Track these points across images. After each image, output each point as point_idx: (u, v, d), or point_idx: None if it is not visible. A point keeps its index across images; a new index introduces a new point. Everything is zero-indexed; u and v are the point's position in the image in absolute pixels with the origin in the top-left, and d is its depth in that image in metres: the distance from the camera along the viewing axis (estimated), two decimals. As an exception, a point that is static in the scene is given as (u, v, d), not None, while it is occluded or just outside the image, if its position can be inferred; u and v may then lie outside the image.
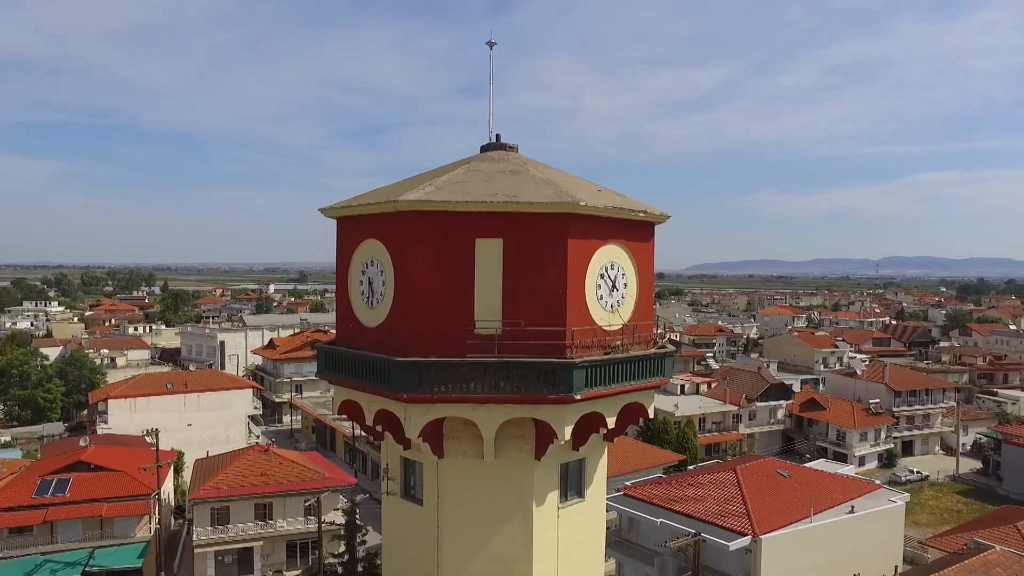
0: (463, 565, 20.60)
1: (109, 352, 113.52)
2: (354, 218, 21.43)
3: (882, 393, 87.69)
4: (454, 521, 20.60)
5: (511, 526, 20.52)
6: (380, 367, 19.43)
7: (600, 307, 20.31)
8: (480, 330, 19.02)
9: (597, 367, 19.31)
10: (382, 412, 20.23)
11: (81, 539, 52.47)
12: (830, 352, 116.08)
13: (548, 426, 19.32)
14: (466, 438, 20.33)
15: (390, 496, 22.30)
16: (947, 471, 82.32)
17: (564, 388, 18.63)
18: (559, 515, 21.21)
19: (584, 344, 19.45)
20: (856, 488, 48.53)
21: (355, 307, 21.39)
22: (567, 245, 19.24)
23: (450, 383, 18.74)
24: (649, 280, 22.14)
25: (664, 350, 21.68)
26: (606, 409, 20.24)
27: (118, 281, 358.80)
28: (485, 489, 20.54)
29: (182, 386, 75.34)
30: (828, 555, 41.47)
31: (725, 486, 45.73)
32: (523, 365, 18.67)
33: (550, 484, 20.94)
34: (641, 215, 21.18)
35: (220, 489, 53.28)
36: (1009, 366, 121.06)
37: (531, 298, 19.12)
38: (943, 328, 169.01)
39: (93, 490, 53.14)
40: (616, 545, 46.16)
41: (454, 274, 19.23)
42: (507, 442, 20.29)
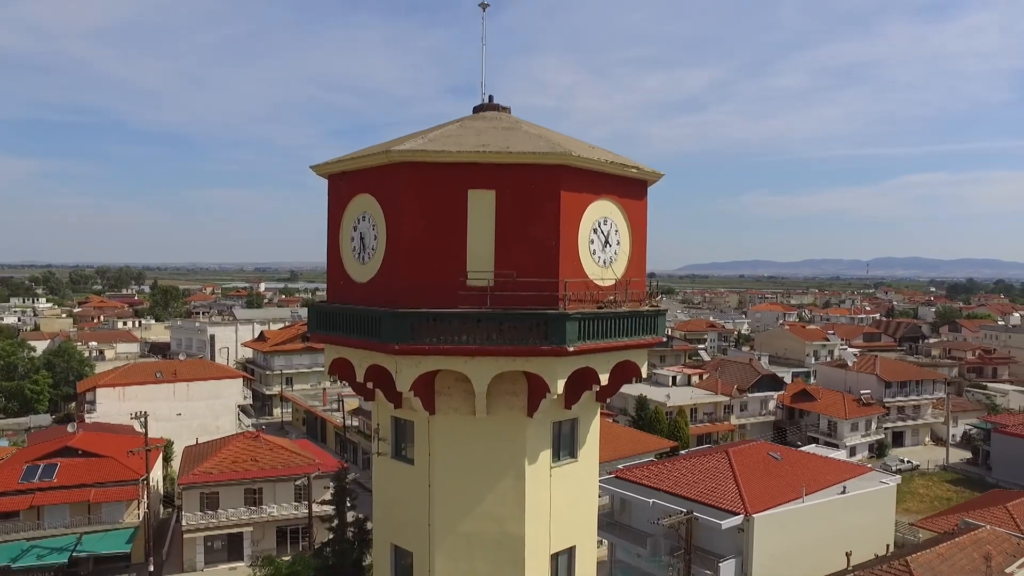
0: (455, 524, 20.41)
1: (98, 345, 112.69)
2: (346, 174, 21.21)
3: (873, 384, 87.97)
4: (446, 480, 20.40)
5: (503, 484, 20.34)
6: (371, 320, 19.22)
7: (593, 262, 20.16)
8: (472, 281, 18.83)
9: (590, 320, 19.15)
10: (373, 368, 20.01)
11: (68, 525, 51.88)
12: (821, 345, 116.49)
13: (540, 380, 19.14)
14: (458, 394, 20.15)
15: (381, 457, 22.08)
16: (937, 461, 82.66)
17: (557, 339, 18.45)
18: (551, 474, 21.05)
19: (577, 298, 19.29)
20: (848, 470, 48.59)
21: (346, 264, 21.17)
22: (560, 197, 19.08)
23: (442, 335, 18.54)
24: (642, 239, 22.00)
25: (657, 308, 21.56)
26: (599, 365, 20.09)
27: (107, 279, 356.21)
28: (477, 447, 20.35)
29: (171, 375, 74.72)
30: (820, 534, 41.44)
31: (717, 467, 45.68)
32: (515, 316, 18.49)
33: (543, 442, 20.77)
34: (634, 171, 21.05)
35: (210, 474, 52.86)
36: (998, 360, 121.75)
37: (524, 250, 18.96)
38: (933, 325, 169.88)
39: (80, 475, 52.59)
40: (608, 527, 45.97)
41: (446, 226, 19.04)
42: (499, 399, 20.12)
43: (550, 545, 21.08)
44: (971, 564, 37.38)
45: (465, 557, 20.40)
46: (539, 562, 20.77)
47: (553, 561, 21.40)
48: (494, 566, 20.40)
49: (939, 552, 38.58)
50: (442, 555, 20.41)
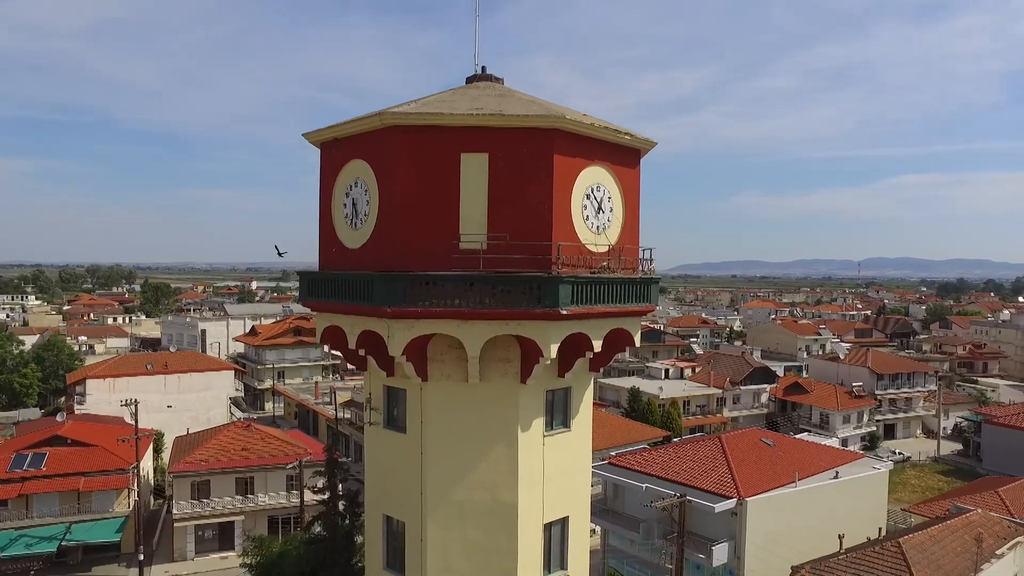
0: (447, 492, 20.26)
1: (87, 339, 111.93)
2: (339, 141, 21.08)
3: (865, 377, 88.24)
4: (438, 447, 20.26)
5: (496, 452, 20.21)
6: (363, 284, 19.09)
7: (586, 228, 20.08)
8: (465, 245, 18.72)
9: (583, 284, 19.06)
10: (365, 334, 19.85)
11: (57, 514, 51.43)
12: (813, 339, 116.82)
13: (533, 345, 19.03)
14: (451, 361, 20.02)
15: (373, 426, 21.93)
16: (928, 453, 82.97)
17: (550, 302, 18.35)
18: (544, 443, 20.94)
19: (570, 262, 19.20)
20: (840, 457, 48.69)
21: (338, 231, 21.03)
22: (553, 161, 18.99)
23: (434, 299, 18.41)
24: (635, 208, 21.94)
25: (651, 276, 21.50)
26: (592, 331, 19.99)
27: (97, 278, 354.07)
28: (470, 414, 20.22)
29: (162, 367, 74.26)
30: (813, 518, 41.44)
31: (710, 453, 45.66)
32: (508, 279, 18.38)
33: (535, 410, 20.65)
34: (627, 138, 20.98)
35: (201, 462, 52.51)
36: (988, 355, 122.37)
37: (517, 213, 18.86)
38: (924, 322, 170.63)
39: (70, 464, 52.17)
40: (601, 514, 45.91)
41: (439, 189, 18.93)
42: (492, 365, 20.00)
43: (543, 515, 20.96)
44: (963, 546, 37.48)
45: (457, 525, 20.27)
46: (532, 531, 20.65)
47: (546, 531, 21.28)
48: (487, 534, 20.27)
49: (931, 534, 38.66)
50: (434, 523, 20.27)
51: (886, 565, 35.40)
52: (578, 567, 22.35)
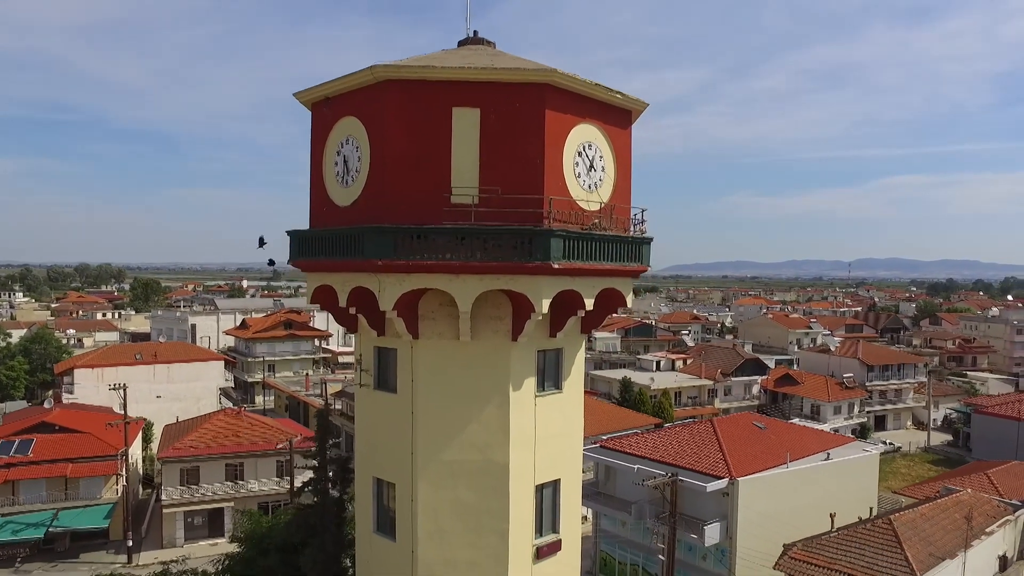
0: (438, 452, 20.13)
1: (76, 333, 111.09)
2: (330, 99, 20.92)
3: (855, 368, 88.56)
4: (429, 407, 20.13)
5: (487, 411, 20.10)
6: (354, 239, 18.94)
7: (578, 185, 20.00)
8: (457, 198, 18.61)
9: (575, 240, 18.98)
10: (356, 291, 19.69)
11: (45, 500, 50.95)
12: (804, 333, 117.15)
13: (525, 300, 18.91)
14: (442, 318, 19.90)
15: (363, 388, 21.78)
16: (919, 444, 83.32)
17: (541, 256, 18.25)
18: (536, 403, 20.84)
19: (561, 218, 19.09)
20: (831, 440, 48.78)
21: (329, 189, 20.88)
22: (544, 116, 18.91)
23: (426, 253, 18.29)
24: (627, 169, 21.87)
25: (643, 236, 21.43)
26: (584, 289, 19.91)
27: (86, 277, 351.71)
28: (461, 373, 20.10)
29: (152, 357, 73.74)
30: (805, 499, 41.41)
31: (702, 436, 45.63)
32: (500, 232, 18.27)
33: (527, 370, 20.55)
34: (618, 97, 20.90)
35: (190, 448, 52.12)
36: (978, 349, 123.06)
37: (508, 168, 18.76)
38: (914, 319, 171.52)
39: (57, 450, 51.70)
40: (593, 497, 45.76)
41: (430, 144, 18.83)
42: (484, 323, 19.90)
43: (535, 476, 20.86)
44: (953, 523, 37.61)
45: (449, 486, 20.14)
46: (524, 492, 20.54)
47: (538, 493, 21.18)
48: (478, 495, 20.14)
49: (921, 512, 38.79)
50: (425, 484, 20.13)
51: (877, 541, 35.49)
52: (570, 531, 22.25)
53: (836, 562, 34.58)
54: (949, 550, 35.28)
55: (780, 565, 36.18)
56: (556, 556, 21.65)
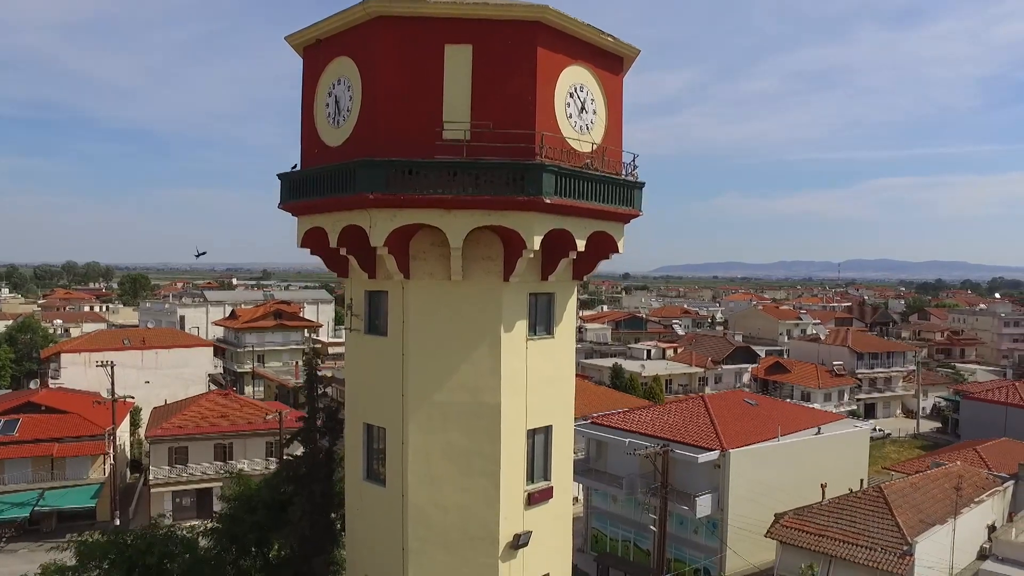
0: (429, 394, 19.97)
1: (63, 323, 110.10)
2: (322, 41, 20.74)
3: (845, 356, 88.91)
4: (420, 349, 19.96)
5: (479, 353, 19.95)
6: (345, 175, 18.78)
7: (569, 126, 19.89)
8: (448, 134, 18.47)
9: (567, 177, 18.89)
10: (347, 231, 19.49)
11: (31, 480, 50.38)
12: (794, 324, 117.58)
13: (517, 237, 18.79)
14: (433, 258, 19.76)
15: (353, 332, 21.59)
16: (908, 431, 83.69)
17: (533, 190, 18.14)
18: (528, 347, 20.71)
19: (553, 156, 18.96)
20: (822, 417, 48.88)
21: (320, 131, 20.71)
22: (536, 53, 18.81)
23: (417, 188, 18.13)
24: (618, 115, 21.79)
25: (635, 180, 21.34)
26: (576, 229, 19.81)
27: (74, 275, 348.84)
28: (452, 314, 19.96)
29: (140, 342, 73.15)
30: (796, 471, 41.46)
31: (693, 411, 45.65)
32: (492, 167, 18.16)
33: (519, 312, 20.42)
34: (609, 40, 20.80)
35: (179, 428, 51.69)
36: (966, 341, 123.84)
37: (500, 104, 18.66)
38: (903, 314, 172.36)
39: (43, 431, 51.13)
40: (584, 473, 45.64)
41: (423, 81, 18.71)
42: (475, 263, 19.78)
43: (526, 420, 20.72)
44: (943, 493, 37.72)
45: (440, 429, 19.97)
46: (515, 435, 20.40)
47: (529, 438, 21.05)
48: (470, 438, 19.99)
49: (912, 482, 38.94)
50: (416, 427, 19.95)
51: (868, 509, 35.57)
52: (562, 479, 22.12)
53: (828, 529, 34.64)
54: (939, 517, 35.38)
55: (772, 533, 36.22)
56: (548, 504, 21.51)
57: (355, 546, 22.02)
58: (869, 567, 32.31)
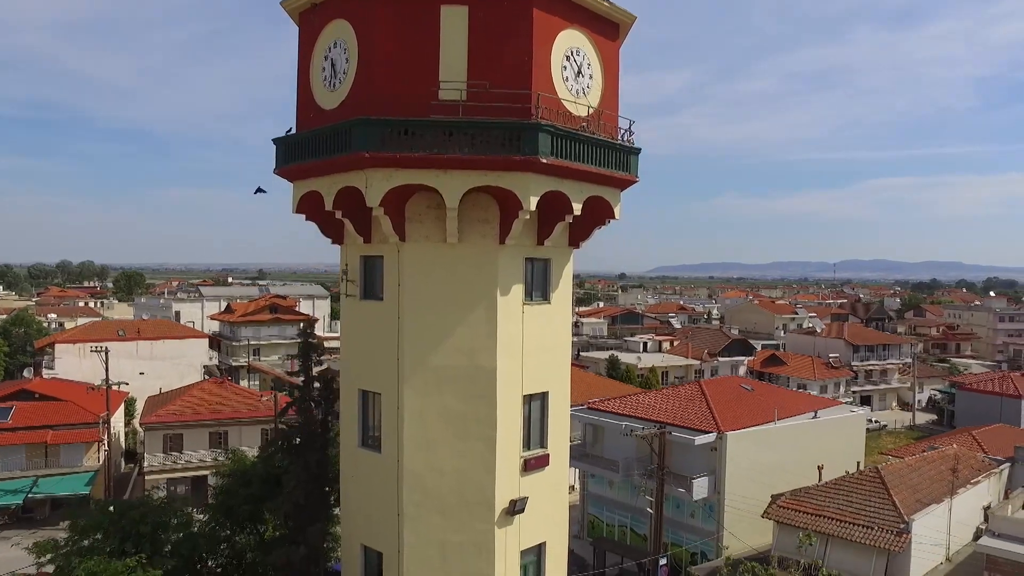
0: (425, 358, 19.87)
1: (57, 317, 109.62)
2: (317, 6, 20.64)
3: (841, 348, 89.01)
4: (416, 312, 19.86)
5: (475, 316, 19.86)
6: (341, 135, 18.69)
7: (566, 89, 19.83)
8: (444, 94, 18.39)
9: (563, 138, 18.82)
10: (343, 193, 19.38)
11: (24, 467, 50.07)
12: (790, 318, 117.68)
13: (513, 199, 18.71)
14: (429, 221, 19.68)
15: (349, 299, 21.48)
16: (904, 423, 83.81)
17: (530, 150, 18.08)
18: (524, 312, 20.63)
19: (549, 117, 18.87)
20: (819, 402, 48.83)
21: (316, 95, 20.62)
22: (532, 14, 18.77)
23: (413, 147, 18.04)
24: (614, 81, 21.72)
25: (631, 146, 21.26)
26: (572, 192, 19.73)
27: (68, 274, 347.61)
28: (448, 277, 19.88)
29: (135, 333, 72.83)
30: (793, 454, 41.37)
31: (690, 396, 45.59)
32: (488, 126, 18.10)
33: (515, 276, 20.34)
34: (605, 5, 20.74)
35: (174, 415, 51.44)
36: (961, 336, 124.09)
37: (497, 66, 18.62)
38: (899, 311, 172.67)
39: (37, 418, 50.83)
40: (581, 458, 45.55)
41: (419, 42, 18.65)
42: (471, 226, 19.70)
43: (522, 385, 20.63)
44: (939, 474, 37.75)
45: (435, 392, 19.87)
46: (511, 400, 20.31)
47: (526, 404, 20.96)
48: (465, 402, 19.89)
49: (909, 463, 38.97)
50: (412, 391, 19.85)
51: (865, 489, 35.57)
52: (558, 448, 22.05)
53: (825, 508, 34.62)
54: (936, 497, 35.39)
55: (768, 513, 36.17)
56: (544, 471, 21.42)
57: (350, 514, 21.89)
58: (866, 545, 32.30)
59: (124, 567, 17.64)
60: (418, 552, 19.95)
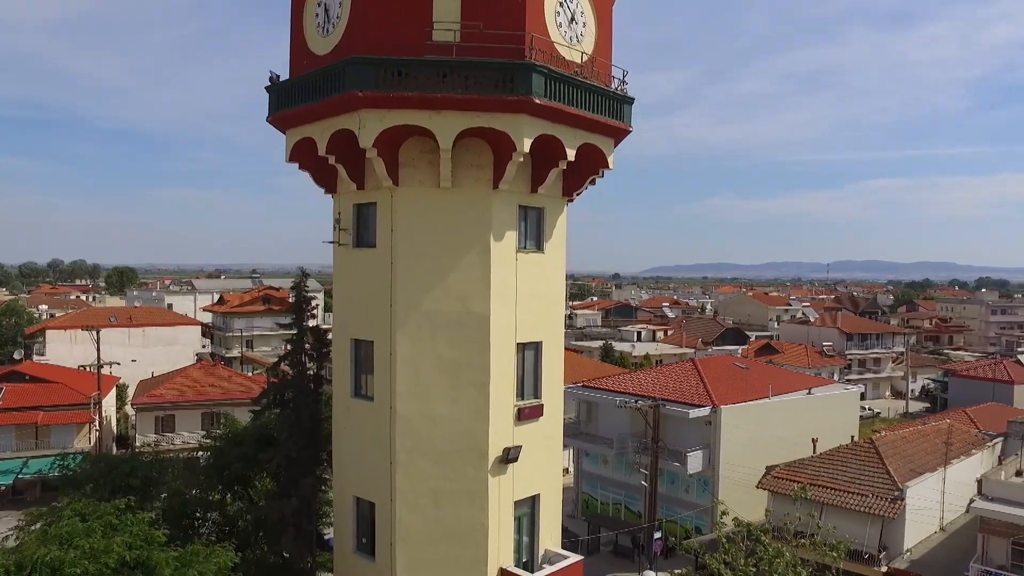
0: (418, 303, 19.74)
1: (49, 308, 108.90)
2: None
3: (835, 337, 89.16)
4: (409, 258, 19.75)
5: (468, 261, 19.75)
6: (334, 75, 18.57)
7: (560, 34, 19.77)
8: (438, 35, 18.27)
9: (556, 80, 18.76)
10: (337, 139, 19.24)
11: (14, 449, 49.66)
12: (783, 310, 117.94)
13: (507, 141, 18.60)
14: (423, 165, 19.57)
15: (341, 248, 21.32)
16: (897, 411, 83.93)
17: (523, 90, 17.99)
18: (517, 259, 20.52)
19: (543, 60, 18.77)
20: (813, 381, 48.90)
21: (309, 41, 20.53)
22: (526, -45, 18.61)
23: (406, 88, 17.92)
24: (608, 33, 21.66)
25: (625, 95, 21.18)
26: (566, 138, 19.65)
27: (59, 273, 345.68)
28: (442, 222, 19.76)
29: (127, 320, 72.39)
30: (787, 429, 41.39)
31: (684, 373, 45.58)
32: (482, 65, 18.02)
33: (508, 223, 20.24)
34: (601, -48, 20.64)
35: (165, 396, 51.12)
36: (954, 328, 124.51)
37: (490, 7, 18.51)
38: (892, 306, 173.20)
39: (27, 399, 50.44)
40: (575, 436, 45.47)
41: (411, -16, 18.45)
42: (465, 171, 19.60)
43: (516, 333, 20.52)
44: (933, 447, 37.82)
45: (428, 338, 19.74)
46: (505, 347, 20.19)
47: (519, 353, 20.85)
48: (459, 348, 19.77)
49: (903, 435, 39.03)
50: (404, 337, 19.71)
51: (860, 459, 35.62)
52: (552, 399, 21.93)
53: (819, 478, 34.60)
54: (930, 467, 35.42)
55: (763, 484, 36.14)
56: (538, 422, 21.31)
57: (342, 466, 21.72)
58: (861, 513, 32.29)
59: (113, 507, 17.43)
60: (411, 500, 19.81)
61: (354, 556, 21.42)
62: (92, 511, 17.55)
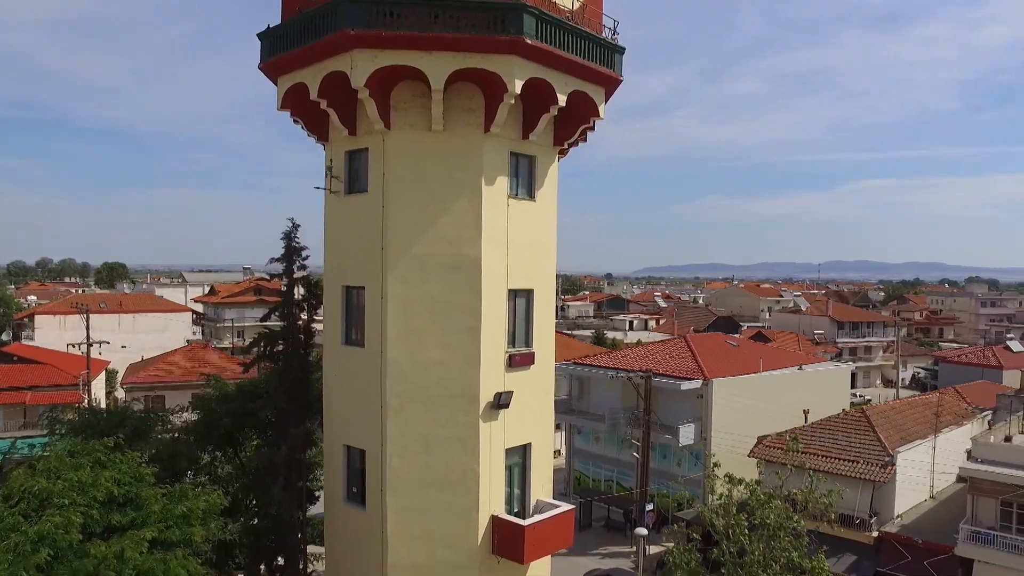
0: (409, 247, 19.72)
1: (37, 299, 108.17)
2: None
3: (826, 325, 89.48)
4: (400, 202, 19.72)
5: (459, 205, 19.74)
6: (326, 15, 18.55)
7: (551, -21, 19.73)
8: (429, -25, 18.21)
9: (548, 24, 18.80)
10: (329, 82, 19.18)
11: (3, 429, 49.28)
12: (775, 301, 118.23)
13: (498, 83, 18.61)
14: (415, 110, 19.55)
15: (333, 195, 21.26)
16: (888, 399, 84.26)
17: (515, 30, 18.01)
18: (509, 205, 20.51)
19: (534, 2, 18.79)
20: (803, 359, 49.09)
21: (298, -14, 20.37)
22: None
23: (399, 29, 17.91)
24: (601, -14, 21.65)
25: (616, 44, 21.21)
26: (557, 83, 19.64)
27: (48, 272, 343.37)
28: (433, 167, 19.74)
29: (117, 306, 71.99)
30: (778, 403, 41.49)
31: (676, 349, 45.69)
32: (474, 6, 18.09)
33: (499, 168, 20.24)
34: (593, -101, 20.68)
35: (155, 376, 50.86)
36: (944, 320, 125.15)
37: (482, -52, 18.43)
38: (883, 301, 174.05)
39: (15, 379, 50.05)
40: (567, 412, 45.51)
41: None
42: (456, 115, 19.59)
43: (508, 279, 20.51)
44: (923, 417, 38.03)
45: (420, 282, 19.70)
46: (496, 292, 20.18)
47: (511, 300, 20.85)
48: (450, 291, 19.74)
49: (893, 406, 39.30)
50: (395, 280, 19.67)
51: (851, 428, 35.81)
52: (543, 349, 21.92)
53: (810, 446, 34.69)
54: (920, 436, 35.61)
55: (754, 453, 36.25)
56: (529, 369, 21.30)
57: (333, 416, 21.66)
58: (852, 478, 32.40)
59: (102, 445, 17.31)
60: (401, 446, 19.76)
61: (345, 506, 21.34)
62: (81, 449, 17.44)
